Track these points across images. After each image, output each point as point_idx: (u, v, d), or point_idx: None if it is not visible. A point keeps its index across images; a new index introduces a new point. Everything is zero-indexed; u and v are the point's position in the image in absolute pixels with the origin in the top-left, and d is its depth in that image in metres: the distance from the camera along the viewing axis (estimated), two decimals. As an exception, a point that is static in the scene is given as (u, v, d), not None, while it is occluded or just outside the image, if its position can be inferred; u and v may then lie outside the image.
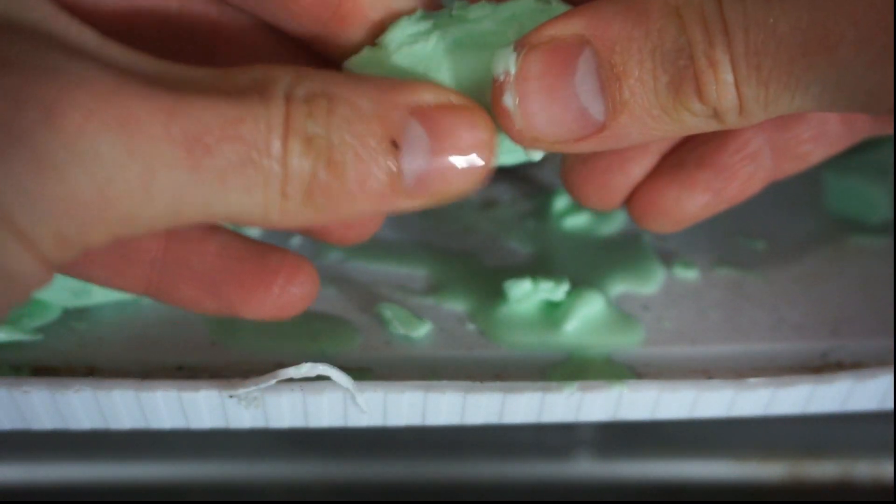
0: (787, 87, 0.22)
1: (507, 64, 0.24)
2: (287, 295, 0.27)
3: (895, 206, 0.39)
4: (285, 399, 0.30)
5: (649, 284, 0.36)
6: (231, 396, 0.30)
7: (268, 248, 0.27)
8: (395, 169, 0.23)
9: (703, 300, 0.35)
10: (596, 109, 0.23)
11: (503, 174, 0.27)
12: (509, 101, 0.24)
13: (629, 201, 0.31)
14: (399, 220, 0.38)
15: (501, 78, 0.24)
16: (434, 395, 0.30)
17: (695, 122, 0.23)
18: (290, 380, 0.29)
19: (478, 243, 0.37)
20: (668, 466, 0.45)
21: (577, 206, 0.38)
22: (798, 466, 0.44)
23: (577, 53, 0.23)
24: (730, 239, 0.38)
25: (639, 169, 0.31)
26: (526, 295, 0.33)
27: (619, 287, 0.35)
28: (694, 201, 0.31)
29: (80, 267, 0.26)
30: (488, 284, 0.35)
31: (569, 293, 0.34)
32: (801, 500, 0.44)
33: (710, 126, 0.24)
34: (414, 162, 0.23)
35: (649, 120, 0.23)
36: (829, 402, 0.32)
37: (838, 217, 0.39)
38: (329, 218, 0.23)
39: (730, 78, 0.22)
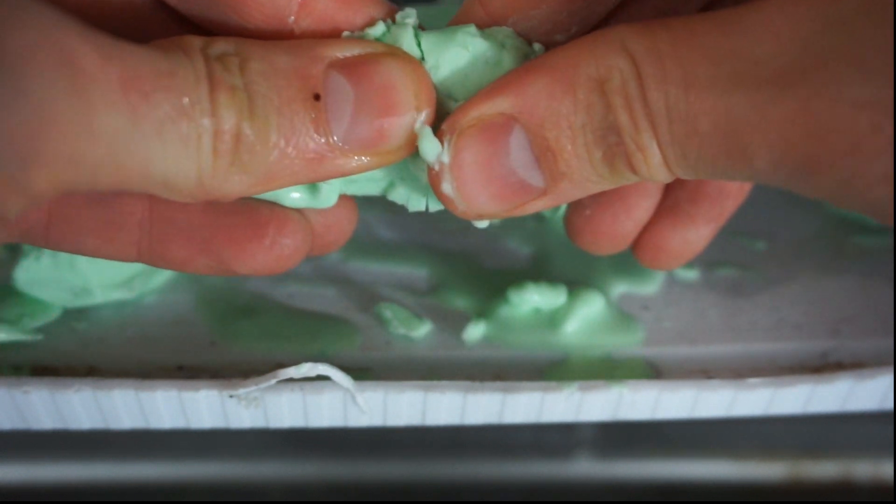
0: (715, 172, 0.22)
1: (438, 153, 0.23)
2: (279, 247, 0.26)
3: (895, 205, 0.38)
4: (285, 399, 0.30)
5: (649, 284, 0.36)
6: (231, 396, 0.30)
7: (255, 202, 0.27)
8: (320, 122, 0.23)
9: (702, 300, 0.35)
10: (535, 180, 0.23)
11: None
12: (448, 188, 0.24)
13: (636, 247, 0.32)
14: (399, 221, 0.38)
15: (437, 168, 0.24)
16: (434, 395, 0.30)
17: (634, 180, 0.24)
18: (290, 380, 0.29)
19: (478, 243, 0.37)
20: (668, 466, 0.45)
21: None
22: (798, 466, 0.44)
23: (507, 132, 0.23)
24: (730, 239, 0.37)
25: (642, 212, 0.31)
26: (528, 301, 0.33)
27: (619, 287, 0.35)
28: (699, 235, 0.31)
29: (69, 236, 0.26)
30: (488, 284, 0.35)
31: (569, 293, 0.34)
32: (801, 500, 0.44)
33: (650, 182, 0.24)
34: (339, 115, 0.23)
35: (589, 184, 0.23)
36: (829, 402, 0.32)
37: (838, 217, 0.39)
38: (265, 182, 0.23)
39: (658, 160, 0.22)
